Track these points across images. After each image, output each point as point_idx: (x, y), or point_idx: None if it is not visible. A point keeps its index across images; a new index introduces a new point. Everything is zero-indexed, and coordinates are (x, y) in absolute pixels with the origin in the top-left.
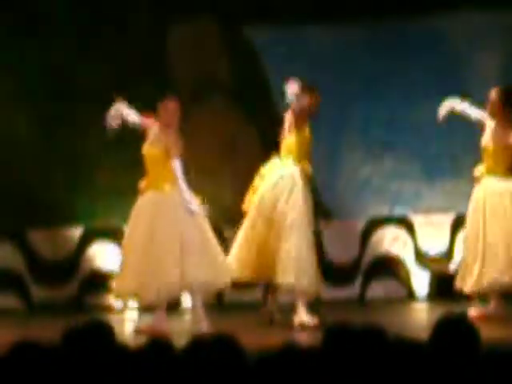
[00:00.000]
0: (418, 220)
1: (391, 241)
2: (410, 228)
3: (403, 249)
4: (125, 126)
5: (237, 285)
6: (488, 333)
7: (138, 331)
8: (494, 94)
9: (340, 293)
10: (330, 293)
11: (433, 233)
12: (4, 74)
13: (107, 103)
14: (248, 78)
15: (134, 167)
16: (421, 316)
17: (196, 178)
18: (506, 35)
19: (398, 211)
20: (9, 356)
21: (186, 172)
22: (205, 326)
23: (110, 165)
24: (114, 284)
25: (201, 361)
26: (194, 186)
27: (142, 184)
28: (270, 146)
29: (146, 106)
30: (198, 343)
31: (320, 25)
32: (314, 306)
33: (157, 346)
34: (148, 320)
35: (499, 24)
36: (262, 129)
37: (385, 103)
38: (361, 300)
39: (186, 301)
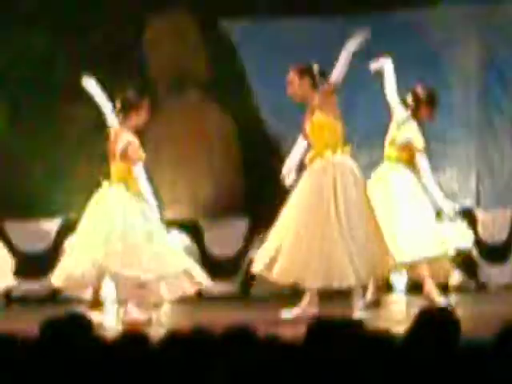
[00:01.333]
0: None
1: None
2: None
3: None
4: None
5: None
6: None
7: (119, 323)
8: (418, 90)
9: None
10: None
11: None
12: None
13: (83, 95)
14: (224, 71)
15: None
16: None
17: (172, 171)
18: (481, 29)
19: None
20: None
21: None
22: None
23: (88, 157)
24: None
25: (176, 354)
26: (170, 178)
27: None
28: (246, 140)
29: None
30: (175, 337)
31: (295, 17)
32: None
33: (133, 338)
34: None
35: (475, 17)
36: (239, 122)
37: (362, 96)
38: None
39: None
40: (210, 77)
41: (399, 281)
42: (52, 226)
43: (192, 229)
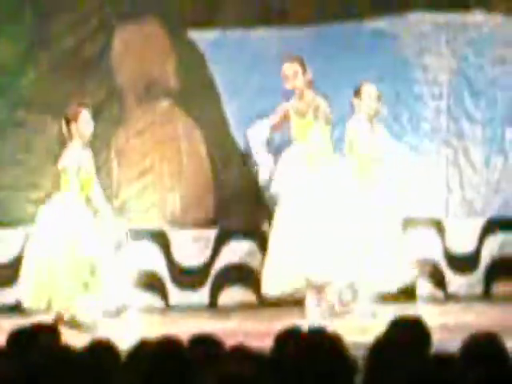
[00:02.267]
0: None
1: None
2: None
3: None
4: None
5: None
6: None
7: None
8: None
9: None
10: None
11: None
12: None
13: (51, 109)
14: (193, 81)
15: None
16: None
17: (140, 180)
18: (452, 36)
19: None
20: None
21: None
22: None
23: (55, 169)
24: None
25: (143, 365)
26: (138, 188)
27: None
28: (216, 150)
29: (94, 110)
30: (143, 347)
31: (265, 27)
32: None
33: (100, 348)
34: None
35: (446, 25)
36: (208, 132)
37: (333, 105)
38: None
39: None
40: (178, 86)
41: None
42: (19, 235)
43: (160, 239)
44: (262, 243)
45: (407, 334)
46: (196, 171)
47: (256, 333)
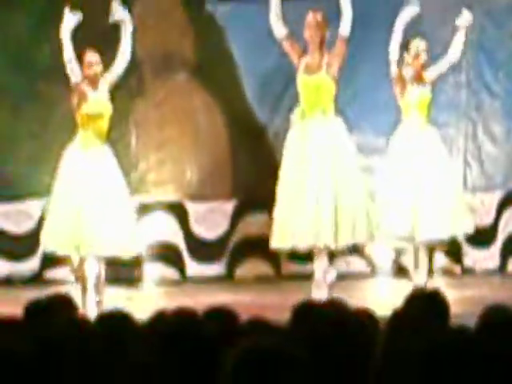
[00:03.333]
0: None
1: None
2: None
3: None
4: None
5: None
6: None
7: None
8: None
9: (302, 268)
10: (293, 268)
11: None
12: None
13: (69, 81)
14: (211, 53)
15: None
16: (382, 291)
17: (158, 152)
18: (471, 11)
19: None
20: None
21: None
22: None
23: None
24: None
25: (160, 336)
26: (156, 160)
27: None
28: (234, 122)
29: (112, 82)
30: (159, 318)
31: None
32: None
33: (116, 318)
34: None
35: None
36: (226, 104)
37: (351, 80)
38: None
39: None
40: (196, 59)
41: (384, 263)
42: (36, 207)
43: (178, 210)
44: None
45: (426, 307)
46: (214, 143)
47: (273, 305)
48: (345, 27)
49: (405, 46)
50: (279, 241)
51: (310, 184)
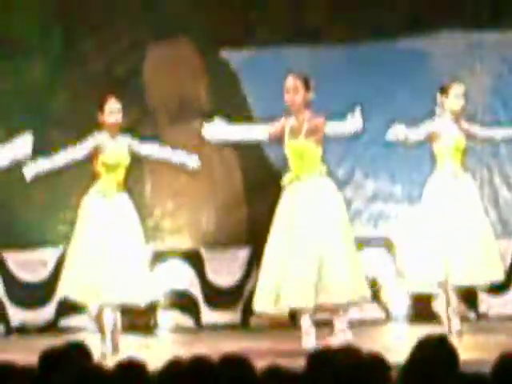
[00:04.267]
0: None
1: (372, 263)
2: (391, 249)
3: (383, 270)
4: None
5: None
6: None
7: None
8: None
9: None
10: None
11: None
12: None
13: (83, 129)
14: (226, 100)
15: None
16: (398, 338)
17: (173, 200)
18: (488, 55)
19: (380, 232)
20: None
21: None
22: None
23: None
24: None
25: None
26: (171, 208)
27: None
28: (248, 169)
29: (126, 130)
30: (174, 367)
31: (297, 46)
32: None
33: (131, 368)
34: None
35: (480, 44)
36: (240, 151)
37: (368, 126)
38: None
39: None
40: (211, 106)
41: (399, 309)
42: (51, 255)
43: (193, 258)
44: None
45: (434, 353)
46: (229, 191)
47: (288, 352)
48: (334, 127)
49: (443, 90)
50: (263, 304)
51: (296, 247)
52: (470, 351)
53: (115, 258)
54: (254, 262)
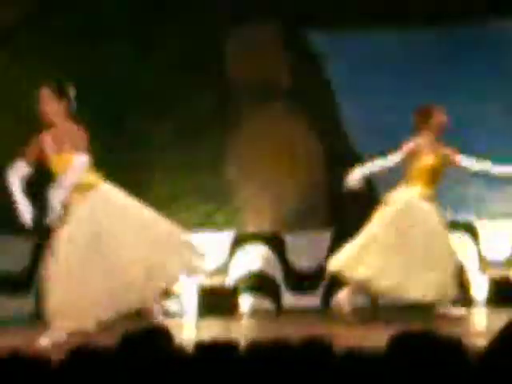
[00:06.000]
0: (481, 225)
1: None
2: (473, 233)
3: (465, 255)
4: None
5: None
6: None
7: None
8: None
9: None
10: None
11: (496, 239)
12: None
13: (166, 112)
14: (310, 81)
15: (192, 172)
16: (479, 322)
17: (256, 184)
18: None
19: (461, 216)
20: (67, 361)
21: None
22: None
23: (169, 170)
24: None
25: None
26: (254, 191)
27: None
28: (331, 152)
29: (208, 111)
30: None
31: (383, 27)
32: None
33: (213, 349)
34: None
35: None
36: (324, 135)
37: (451, 108)
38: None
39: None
40: (293, 88)
41: (480, 293)
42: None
43: (274, 241)
44: None
45: None
46: (311, 173)
47: (369, 336)
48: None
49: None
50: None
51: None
52: None
53: None
54: (336, 244)
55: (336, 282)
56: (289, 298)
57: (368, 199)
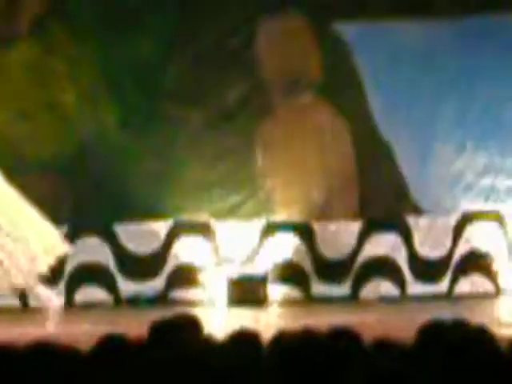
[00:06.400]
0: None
1: (483, 236)
2: (502, 223)
3: (495, 244)
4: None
5: None
6: None
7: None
8: None
9: (429, 288)
10: (419, 288)
11: None
12: (94, 72)
13: (195, 102)
14: (338, 73)
15: (223, 161)
16: (508, 311)
17: (285, 173)
18: None
19: (491, 206)
20: (96, 349)
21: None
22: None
23: (200, 159)
24: None
25: (283, 357)
26: (283, 180)
27: None
28: (360, 142)
29: (238, 103)
30: (283, 340)
31: (409, 19)
32: None
33: (243, 338)
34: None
35: None
36: (352, 124)
37: (477, 98)
38: (449, 296)
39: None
40: (323, 78)
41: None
42: (162, 227)
43: (304, 231)
44: (407, 235)
45: None
46: (340, 163)
47: (398, 326)
48: None
49: None
50: None
51: None
52: None
53: None
54: (365, 234)
55: (365, 272)
56: (318, 288)
57: (399, 190)
